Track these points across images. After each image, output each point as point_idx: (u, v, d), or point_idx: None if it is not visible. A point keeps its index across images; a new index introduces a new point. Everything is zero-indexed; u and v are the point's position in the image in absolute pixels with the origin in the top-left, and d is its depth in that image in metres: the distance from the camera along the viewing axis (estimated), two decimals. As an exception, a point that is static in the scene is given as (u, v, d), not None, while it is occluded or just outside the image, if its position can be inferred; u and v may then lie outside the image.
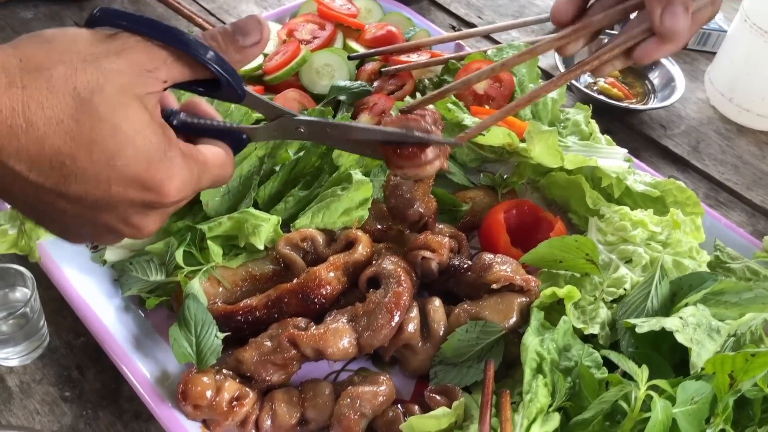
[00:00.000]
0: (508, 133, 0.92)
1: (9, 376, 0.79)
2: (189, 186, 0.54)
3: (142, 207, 0.53)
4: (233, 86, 0.57)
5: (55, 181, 0.49)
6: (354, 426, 0.71)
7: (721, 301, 0.80)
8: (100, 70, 0.49)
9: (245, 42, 0.57)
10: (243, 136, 0.62)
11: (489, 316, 0.77)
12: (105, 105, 0.48)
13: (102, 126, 0.48)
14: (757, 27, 1.09)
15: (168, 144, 0.52)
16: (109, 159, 0.49)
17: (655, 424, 0.62)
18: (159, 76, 0.52)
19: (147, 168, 0.51)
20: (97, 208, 0.52)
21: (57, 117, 0.47)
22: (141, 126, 0.50)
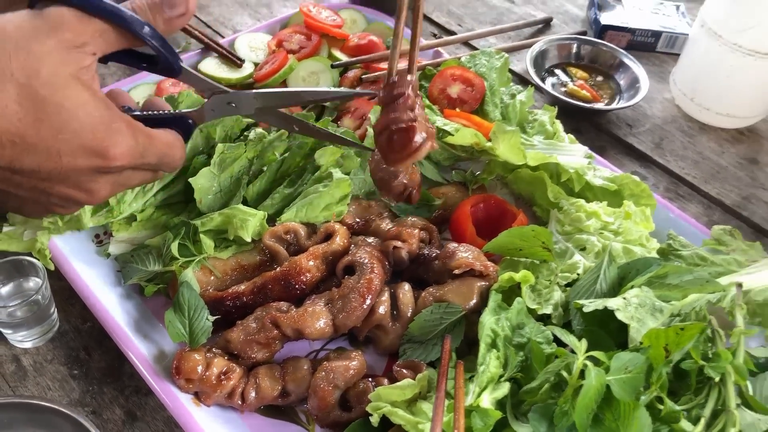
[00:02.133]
0: (475, 133, 1.01)
1: (24, 357, 0.88)
2: (134, 152, 0.60)
3: (92, 172, 0.59)
4: (168, 59, 0.63)
5: (9, 159, 0.55)
6: (328, 396, 0.79)
7: (665, 283, 0.87)
8: (31, 54, 0.54)
9: (172, 13, 0.62)
10: (189, 120, 0.69)
11: (452, 298, 0.86)
12: (43, 87, 0.54)
13: (45, 106, 0.54)
14: (713, 31, 1.17)
15: (111, 116, 0.58)
16: (55, 133, 0.55)
17: (589, 389, 0.70)
18: (87, 50, 0.57)
19: (92, 138, 0.56)
20: (50, 179, 0.58)
21: (2, 102, 0.53)
22: (82, 102, 0.56)
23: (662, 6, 1.46)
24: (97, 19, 0.57)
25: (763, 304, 0.91)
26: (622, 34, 1.40)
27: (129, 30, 0.58)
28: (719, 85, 1.20)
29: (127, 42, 0.60)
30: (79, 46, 0.56)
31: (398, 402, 0.77)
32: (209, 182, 0.96)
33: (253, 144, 1.00)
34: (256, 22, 1.43)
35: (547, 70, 1.30)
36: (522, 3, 1.53)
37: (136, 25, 0.58)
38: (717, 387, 0.79)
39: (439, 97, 1.13)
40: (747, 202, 1.14)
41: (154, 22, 0.61)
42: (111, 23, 0.57)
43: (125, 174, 0.62)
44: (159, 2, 0.61)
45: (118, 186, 0.63)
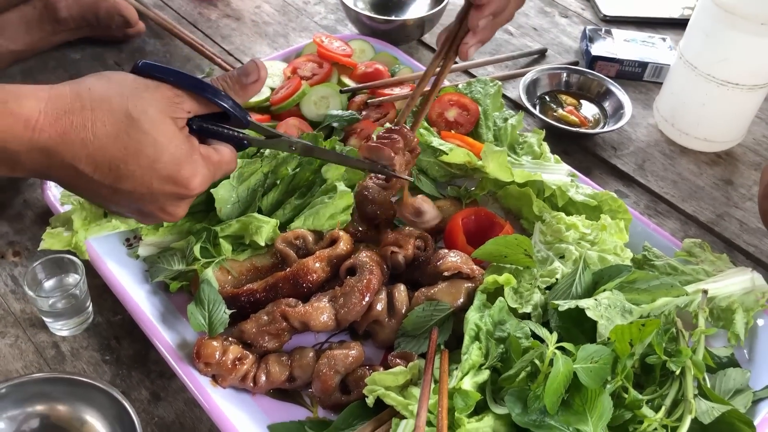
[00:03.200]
0: (467, 153, 1.12)
1: (62, 343, 0.99)
2: (207, 180, 0.73)
3: (174, 198, 0.71)
4: (239, 117, 0.77)
5: (112, 180, 0.67)
6: (329, 380, 0.89)
7: (634, 287, 0.97)
8: (143, 99, 0.67)
9: (247, 81, 0.77)
10: (244, 141, 0.81)
11: (441, 297, 0.96)
12: (148, 123, 0.67)
13: (146, 138, 0.67)
14: (689, 63, 1.27)
15: (192, 150, 0.70)
16: (151, 163, 0.67)
17: (557, 374, 0.79)
18: (183, 107, 0.71)
19: (178, 170, 0.69)
20: (142, 200, 0.70)
21: (115, 133, 0.66)
22: (172, 137, 0.68)
23: (650, 38, 1.57)
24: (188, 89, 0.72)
25: (727, 309, 1.00)
26: (611, 64, 1.51)
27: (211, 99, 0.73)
28: (696, 112, 1.31)
29: (209, 108, 0.74)
30: (177, 103, 0.70)
31: (391, 387, 0.87)
32: (228, 193, 1.07)
33: (268, 160, 1.11)
34: (273, 51, 1.56)
35: (539, 96, 1.41)
36: (519, 35, 1.65)
37: (213, 91, 0.73)
38: (678, 380, 0.88)
39: (437, 120, 1.24)
40: (720, 219, 1.23)
41: (233, 90, 0.75)
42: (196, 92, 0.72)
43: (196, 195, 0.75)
44: (237, 74, 0.76)
45: (189, 205, 0.76)
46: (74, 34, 1.49)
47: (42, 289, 0.99)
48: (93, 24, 1.47)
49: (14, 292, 1.05)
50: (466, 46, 0.96)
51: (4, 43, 1.37)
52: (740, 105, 1.28)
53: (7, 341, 0.99)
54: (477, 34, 0.93)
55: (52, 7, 1.41)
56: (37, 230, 1.13)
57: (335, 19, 1.68)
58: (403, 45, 1.54)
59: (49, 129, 0.64)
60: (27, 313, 1.03)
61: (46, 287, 1.00)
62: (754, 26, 1.17)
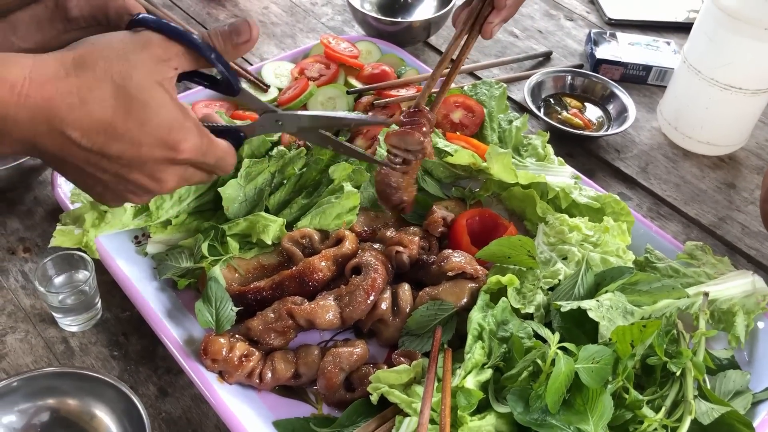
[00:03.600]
0: (472, 154, 1.13)
1: (71, 339, 1.01)
2: (198, 149, 0.72)
3: (163, 163, 0.71)
4: (230, 81, 0.76)
5: (101, 144, 0.67)
6: (334, 378, 0.91)
7: (636, 289, 0.98)
8: (128, 62, 0.67)
9: (238, 40, 0.75)
10: (241, 134, 0.81)
11: (445, 297, 0.97)
12: (134, 88, 0.67)
13: (134, 102, 0.67)
14: (693, 67, 1.28)
15: (185, 116, 0.70)
16: (140, 125, 0.67)
17: (559, 374, 0.81)
18: (171, 65, 0.70)
19: (168, 132, 0.69)
20: (130, 166, 0.70)
21: (101, 97, 0.66)
22: (163, 102, 0.68)
23: (655, 42, 1.58)
24: (177, 43, 0.71)
25: (727, 311, 1.01)
26: (616, 68, 1.52)
27: (201, 54, 0.72)
28: (700, 115, 1.32)
29: (199, 64, 0.73)
30: (164, 60, 0.70)
31: (395, 385, 0.88)
32: (236, 192, 1.08)
33: (275, 160, 1.12)
34: (281, 52, 1.57)
35: (544, 99, 1.42)
36: (525, 38, 1.66)
37: (207, 50, 0.72)
38: (678, 381, 0.90)
39: (443, 122, 1.25)
40: (722, 223, 1.24)
41: (223, 49, 0.74)
42: (187, 47, 0.71)
43: (189, 170, 0.75)
44: (228, 31, 0.74)
45: (182, 180, 0.75)
46: (84, 33, 1.48)
47: (52, 285, 1.01)
48: (103, 23, 1.47)
49: (24, 288, 1.07)
50: (490, 26, 0.94)
51: (16, 42, 1.38)
52: (743, 109, 1.29)
53: (18, 336, 1.01)
54: (502, 12, 0.91)
55: (63, 6, 1.42)
56: (47, 227, 1.15)
57: (342, 21, 1.69)
58: (409, 47, 1.55)
59: (34, 94, 0.64)
60: (37, 309, 1.04)
61: (56, 283, 1.01)
62: (758, 31, 1.18)
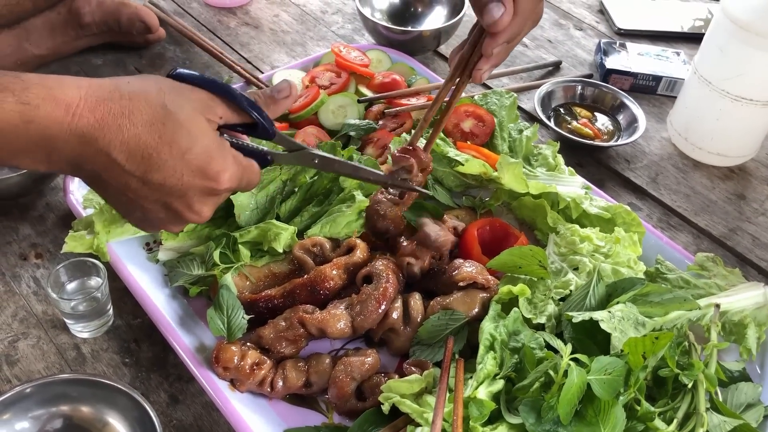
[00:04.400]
0: (483, 164, 1.13)
1: (83, 345, 1.01)
2: (236, 178, 0.74)
3: (202, 193, 0.73)
4: (267, 128, 0.79)
5: (143, 170, 0.69)
6: (345, 387, 0.91)
7: (647, 300, 0.98)
8: (181, 95, 0.71)
9: (279, 96, 0.80)
10: (268, 157, 0.83)
11: (457, 307, 0.97)
12: (183, 116, 0.69)
13: (180, 130, 0.69)
14: (704, 78, 1.29)
15: (223, 147, 0.73)
16: (183, 154, 0.69)
17: (571, 385, 0.80)
18: (217, 112, 0.74)
19: (209, 162, 0.71)
20: (171, 194, 0.72)
21: (150, 121, 0.68)
22: (206, 132, 0.71)
23: (664, 52, 1.58)
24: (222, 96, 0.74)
25: (739, 323, 1.01)
26: (626, 78, 1.52)
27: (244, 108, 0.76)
28: (710, 126, 1.32)
29: (240, 117, 0.76)
30: (212, 107, 0.73)
31: (407, 394, 0.88)
32: (247, 200, 1.08)
33: (287, 168, 1.13)
34: (291, 60, 1.58)
35: (554, 108, 1.42)
36: (534, 47, 1.67)
37: (245, 101, 0.76)
38: (690, 393, 0.89)
39: (453, 131, 1.25)
40: (733, 234, 1.24)
41: (264, 103, 0.78)
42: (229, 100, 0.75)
43: (222, 197, 0.77)
44: (270, 90, 0.80)
45: (215, 206, 0.78)
46: (96, 39, 1.51)
47: (64, 291, 1.01)
48: (115, 30, 1.49)
49: (36, 294, 1.07)
50: (479, 72, 0.97)
51: (30, 48, 1.40)
52: (754, 120, 1.29)
53: (30, 342, 1.01)
54: (491, 60, 0.95)
55: (76, 12, 1.44)
56: (59, 233, 1.16)
57: (352, 29, 1.70)
58: (419, 55, 1.55)
59: (88, 115, 0.66)
60: (49, 315, 1.05)
61: (68, 289, 1.02)
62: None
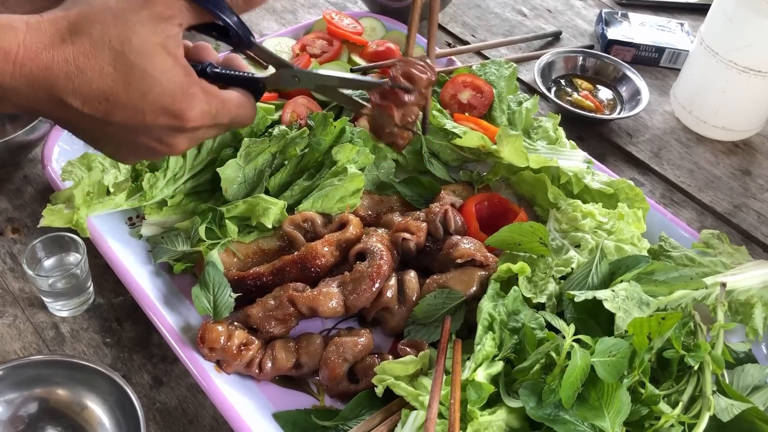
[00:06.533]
0: (482, 136, 1.08)
1: (62, 324, 0.97)
2: (206, 115, 0.69)
3: (170, 130, 0.68)
4: (240, 34, 0.71)
5: (103, 112, 0.64)
6: (337, 368, 0.87)
7: (652, 279, 0.94)
8: (127, 24, 0.63)
9: None
10: (260, 84, 0.77)
11: (454, 285, 0.93)
12: (133, 54, 0.63)
13: (134, 71, 0.63)
14: (710, 49, 1.24)
15: (189, 82, 0.67)
16: (141, 95, 0.64)
17: (574, 368, 0.77)
18: (174, 22, 0.66)
19: (171, 101, 0.65)
20: (136, 132, 0.67)
21: (99, 65, 0.62)
22: (165, 69, 0.65)
23: (667, 23, 1.53)
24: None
25: (745, 303, 0.98)
26: (627, 49, 1.47)
27: (209, 7, 0.67)
28: (716, 99, 1.28)
29: (207, 17, 0.69)
30: (167, 18, 0.65)
31: (401, 376, 0.85)
32: (235, 173, 1.04)
33: (277, 140, 1.08)
34: (281, 27, 1.52)
35: (554, 80, 1.37)
36: (533, 17, 1.61)
37: (219, 6, 0.68)
38: (696, 375, 0.86)
39: (450, 102, 1.20)
40: (738, 210, 1.20)
41: (235, 4, 0.70)
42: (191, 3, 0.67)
43: (200, 132, 0.71)
44: None
45: (194, 140, 0.72)
46: (76, 4, 1.44)
47: (42, 267, 0.96)
48: (96, -5, 1.42)
49: (13, 270, 1.02)
50: None
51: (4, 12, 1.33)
52: (761, 93, 1.25)
53: (5, 321, 0.96)
54: None
55: (54, -24, 1.37)
56: (37, 207, 1.10)
57: (344, -4, 1.64)
58: (411, 24, 1.49)
59: (30, 63, 0.61)
60: (26, 293, 1.00)
61: (45, 266, 0.97)
62: (781, 12, 1.14)
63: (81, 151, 1.05)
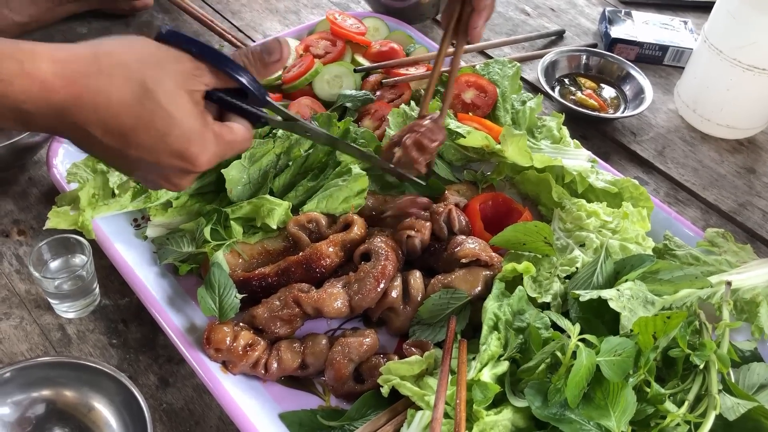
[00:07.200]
0: (486, 136, 1.08)
1: (68, 326, 0.97)
2: (215, 158, 0.71)
3: (180, 172, 0.70)
4: (257, 96, 0.74)
5: (120, 146, 0.66)
6: (343, 369, 0.87)
7: (657, 278, 0.94)
8: (162, 69, 0.66)
9: (269, 59, 0.74)
10: (262, 119, 0.77)
11: (459, 285, 0.93)
12: (163, 95, 0.65)
13: (159, 111, 0.65)
14: (714, 47, 1.24)
15: (204, 128, 0.69)
16: (161, 136, 0.66)
17: (580, 367, 0.77)
18: (202, 80, 0.69)
19: (187, 146, 0.68)
20: (147, 169, 0.70)
21: (128, 101, 0.64)
22: (187, 114, 0.67)
23: (671, 21, 1.53)
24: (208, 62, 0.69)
25: (750, 301, 0.98)
26: (631, 47, 1.47)
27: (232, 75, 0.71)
28: (720, 97, 1.27)
29: (227, 83, 0.72)
30: (196, 75, 0.68)
31: (407, 376, 0.85)
32: (239, 174, 1.04)
33: (281, 141, 1.08)
34: (284, 28, 1.52)
35: (558, 79, 1.37)
36: (537, 16, 1.61)
37: (234, 66, 0.71)
38: (701, 374, 0.86)
39: (454, 102, 1.20)
40: (742, 209, 1.20)
41: (255, 67, 0.73)
42: (216, 66, 0.70)
43: None
44: (259, 50, 0.73)
45: (195, 178, 0.76)
46: (80, 6, 1.45)
47: (48, 269, 0.97)
48: (97, -5, 1.43)
49: (19, 272, 1.03)
50: (476, 30, 0.94)
51: (9, 15, 1.34)
52: (766, 90, 1.25)
53: (12, 323, 0.97)
54: (483, 13, 0.91)
55: (58, -22, 1.37)
56: (43, 209, 1.11)
57: (347, -4, 1.64)
58: (417, 23, 1.50)
59: (63, 91, 0.63)
60: (32, 294, 1.00)
61: (51, 268, 0.97)
62: (784, 9, 1.13)
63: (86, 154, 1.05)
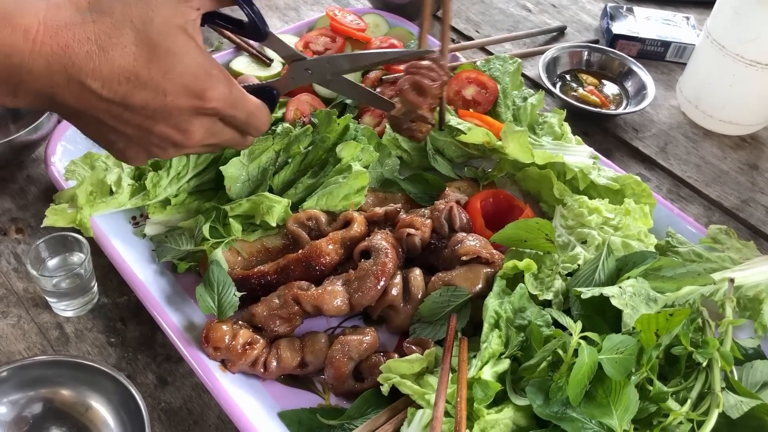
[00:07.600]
0: (486, 132, 1.08)
1: (66, 324, 0.96)
2: (227, 99, 0.67)
3: (190, 113, 0.66)
4: (256, 24, 0.70)
5: (123, 94, 0.63)
6: (343, 367, 0.86)
7: (659, 275, 0.93)
8: (148, 4, 0.63)
9: None
10: (273, 91, 0.76)
11: (459, 283, 0.92)
12: (155, 33, 0.63)
13: (156, 50, 0.63)
14: (716, 43, 1.23)
15: (211, 64, 0.66)
16: (163, 74, 0.63)
17: (582, 365, 0.76)
18: (193, 5, 0.66)
19: (194, 80, 0.65)
20: (155, 117, 0.66)
21: (121, 43, 0.61)
22: (187, 49, 0.64)
23: (673, 17, 1.52)
24: None
25: (754, 299, 0.97)
26: (633, 44, 1.46)
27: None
28: (722, 93, 1.26)
29: (222, 3, 0.68)
30: (185, 1, 0.65)
31: (407, 375, 0.84)
32: (238, 171, 1.03)
33: (280, 137, 1.07)
34: (284, 25, 1.51)
35: (559, 75, 1.36)
36: (538, 12, 1.60)
37: None
38: (704, 372, 0.85)
39: (455, 98, 1.19)
40: (745, 205, 1.19)
41: None
42: None
43: (218, 124, 0.70)
44: None
45: (210, 134, 0.70)
46: None
47: (45, 267, 0.96)
48: None
49: (17, 271, 1.02)
50: None
51: None
52: (769, 87, 1.24)
53: (10, 321, 0.96)
54: None
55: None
56: (41, 207, 1.10)
57: (347, -7, 1.63)
58: (418, 20, 1.48)
59: (50, 41, 0.60)
60: (30, 293, 0.99)
61: (49, 266, 0.96)
62: (788, 4, 1.12)
63: (84, 151, 1.05)
